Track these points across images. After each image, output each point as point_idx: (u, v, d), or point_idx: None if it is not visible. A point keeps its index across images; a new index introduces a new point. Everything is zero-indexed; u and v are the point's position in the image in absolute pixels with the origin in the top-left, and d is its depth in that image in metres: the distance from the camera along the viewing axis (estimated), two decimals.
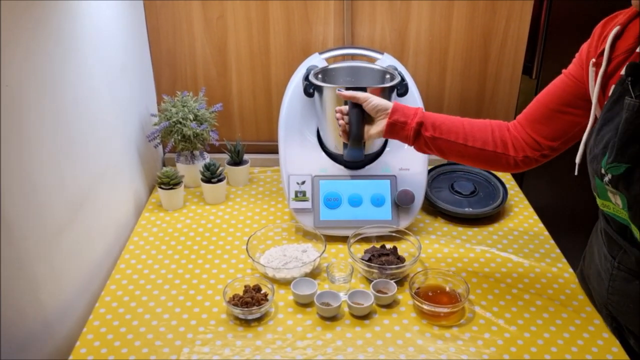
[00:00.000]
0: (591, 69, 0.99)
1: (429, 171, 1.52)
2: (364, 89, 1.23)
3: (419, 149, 1.17)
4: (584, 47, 1.05)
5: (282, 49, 1.60)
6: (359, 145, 1.24)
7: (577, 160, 1.02)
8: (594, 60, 0.98)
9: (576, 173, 1.03)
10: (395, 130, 1.15)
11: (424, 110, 1.16)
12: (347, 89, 1.24)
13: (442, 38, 1.59)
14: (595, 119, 0.99)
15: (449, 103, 1.68)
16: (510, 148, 1.13)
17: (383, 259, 1.24)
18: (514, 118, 1.68)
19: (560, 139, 1.09)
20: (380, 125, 1.17)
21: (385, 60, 1.43)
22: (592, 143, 0.97)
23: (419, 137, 1.14)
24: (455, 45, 1.60)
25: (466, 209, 1.44)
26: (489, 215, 1.44)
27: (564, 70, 1.09)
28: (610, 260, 1.05)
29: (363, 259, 1.23)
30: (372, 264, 1.20)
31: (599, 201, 1.03)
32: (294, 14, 1.56)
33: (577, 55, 1.07)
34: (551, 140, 1.10)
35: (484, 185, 1.53)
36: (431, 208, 1.48)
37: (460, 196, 1.48)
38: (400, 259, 1.25)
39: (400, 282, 1.20)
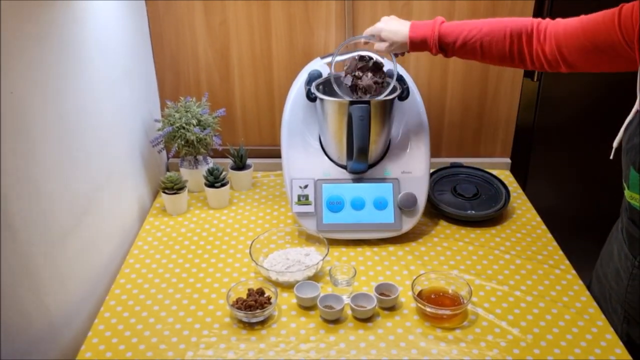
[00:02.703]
0: None
1: (432, 174, 1.52)
2: (367, 102, 1.25)
3: (441, 50, 1.20)
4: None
5: (284, 53, 1.61)
6: (364, 158, 1.24)
7: (615, 144, 0.99)
8: None
9: (611, 157, 1.01)
10: (417, 49, 1.22)
11: (439, 25, 1.18)
12: (351, 102, 1.25)
13: None
14: None
15: (451, 106, 1.68)
16: (528, 62, 1.13)
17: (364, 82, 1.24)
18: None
19: (586, 69, 1.07)
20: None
21: (386, 64, 1.43)
22: (633, 131, 0.93)
23: (442, 53, 1.20)
24: None
25: (469, 212, 1.44)
26: (492, 218, 1.44)
27: (622, 9, 0.97)
28: (630, 259, 1.05)
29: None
30: None
31: (627, 193, 1.01)
32: (296, 18, 1.57)
33: (630, 7, 0.96)
34: (575, 67, 1.08)
35: (487, 188, 1.54)
36: (434, 211, 1.48)
37: (463, 199, 1.49)
38: (381, 76, 1.27)
39: (402, 282, 1.21)
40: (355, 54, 1.49)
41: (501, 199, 1.48)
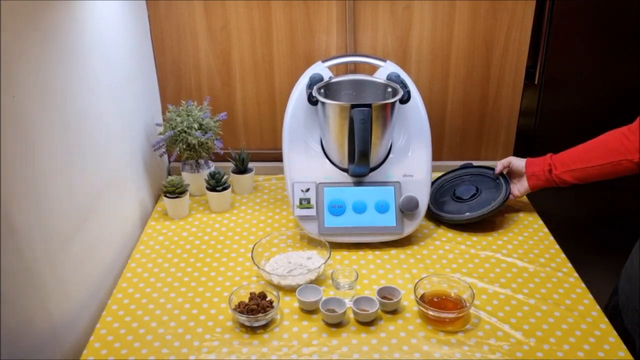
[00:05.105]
0: None
1: (433, 182, 1.51)
2: (368, 105, 1.25)
3: (564, 184, 1.36)
4: None
5: (286, 57, 1.62)
6: (366, 161, 1.24)
7: None
8: None
9: None
10: (537, 185, 1.40)
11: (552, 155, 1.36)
12: (352, 106, 1.25)
13: (444, 44, 1.60)
14: None
15: (452, 109, 1.68)
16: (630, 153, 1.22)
17: None
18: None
19: None
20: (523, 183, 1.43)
21: (388, 68, 1.44)
22: None
23: (552, 176, 1.35)
24: (457, 51, 1.61)
25: (466, 214, 1.43)
26: (491, 218, 1.43)
27: None
28: None
29: None
30: None
31: None
32: (297, 23, 1.57)
33: None
34: None
35: (487, 184, 1.49)
36: (434, 221, 1.47)
37: (461, 201, 1.47)
38: None
39: (404, 285, 1.21)
40: (352, 58, 1.50)
41: (500, 194, 1.44)
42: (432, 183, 1.47)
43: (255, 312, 1.11)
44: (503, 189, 1.46)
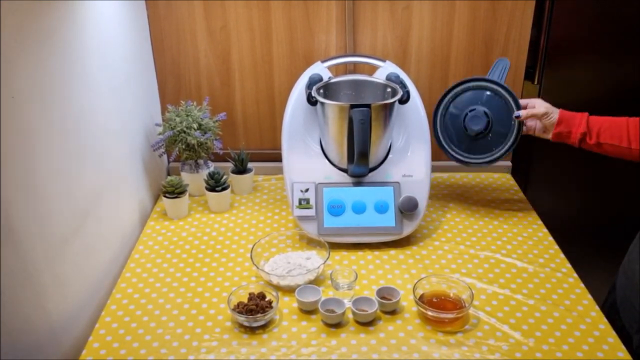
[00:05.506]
0: None
1: (454, 87, 1.41)
2: (368, 106, 1.25)
3: (588, 149, 1.27)
4: None
5: (285, 58, 1.61)
6: (365, 162, 1.24)
7: None
8: None
9: None
10: (561, 138, 1.29)
11: (589, 116, 1.25)
12: (352, 106, 1.25)
13: (444, 45, 1.60)
14: None
15: None
16: None
17: None
18: None
19: None
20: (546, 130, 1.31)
21: (387, 68, 1.44)
22: None
23: (584, 144, 1.26)
24: (456, 51, 1.60)
25: (457, 156, 1.37)
26: (490, 220, 1.43)
27: None
28: None
29: None
30: None
31: None
32: (296, 23, 1.57)
33: None
34: None
35: (501, 124, 1.38)
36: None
37: (463, 137, 1.40)
38: None
39: (403, 286, 1.21)
40: (352, 59, 1.50)
41: (507, 143, 1.37)
42: (439, 103, 1.41)
43: (254, 312, 1.11)
44: (513, 134, 1.37)
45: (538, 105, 1.32)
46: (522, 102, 1.36)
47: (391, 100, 1.32)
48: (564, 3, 1.59)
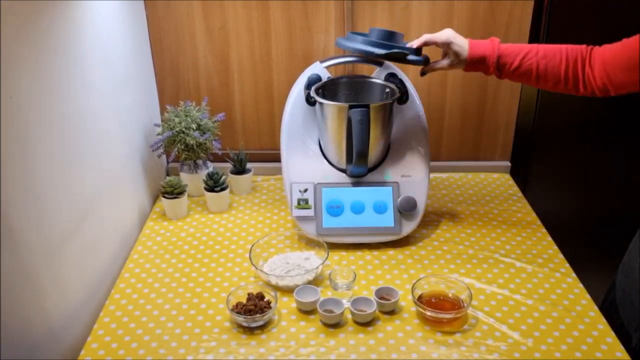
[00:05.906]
0: None
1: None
2: (366, 106, 1.25)
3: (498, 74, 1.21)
4: None
5: (284, 58, 1.61)
6: (364, 162, 1.24)
7: None
8: None
9: None
10: (474, 67, 1.21)
11: (498, 45, 1.18)
12: (351, 106, 1.25)
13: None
14: None
15: (450, 110, 1.68)
16: (581, 86, 1.15)
17: None
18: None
19: (633, 88, 1.09)
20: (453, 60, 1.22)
21: (386, 68, 1.44)
22: None
23: (497, 73, 1.20)
24: None
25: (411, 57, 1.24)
26: (489, 218, 1.43)
27: None
28: None
29: None
30: None
31: None
32: (295, 23, 1.57)
33: None
34: (622, 88, 1.10)
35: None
36: None
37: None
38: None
39: (402, 286, 1.20)
40: (350, 59, 1.50)
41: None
42: None
43: (253, 312, 1.11)
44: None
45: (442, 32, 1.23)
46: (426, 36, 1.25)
47: (390, 101, 1.32)
48: (563, 3, 1.59)
